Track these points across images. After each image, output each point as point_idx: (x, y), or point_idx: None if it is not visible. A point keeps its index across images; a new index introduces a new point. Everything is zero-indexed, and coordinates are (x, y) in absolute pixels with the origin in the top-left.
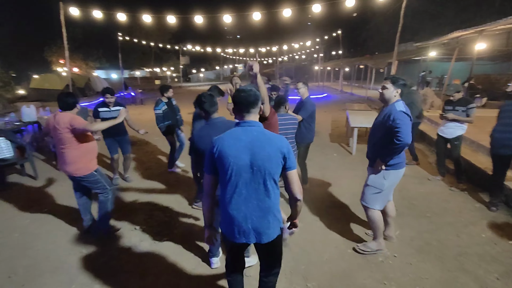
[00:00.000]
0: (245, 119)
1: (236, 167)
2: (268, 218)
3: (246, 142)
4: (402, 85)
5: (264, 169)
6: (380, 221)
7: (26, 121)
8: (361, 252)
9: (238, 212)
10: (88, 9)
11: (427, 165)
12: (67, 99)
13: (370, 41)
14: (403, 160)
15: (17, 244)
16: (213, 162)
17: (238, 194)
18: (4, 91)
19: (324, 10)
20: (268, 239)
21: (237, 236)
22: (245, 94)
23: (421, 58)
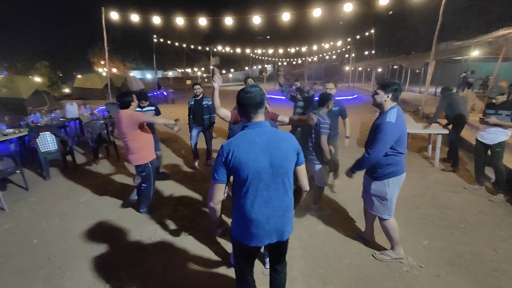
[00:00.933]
0: (253, 120)
1: (255, 170)
2: (287, 215)
3: (262, 144)
4: (393, 90)
5: (282, 168)
6: (393, 229)
7: (69, 117)
8: (379, 259)
9: (260, 215)
10: (127, 13)
11: (464, 172)
12: (124, 98)
13: (406, 40)
14: (402, 166)
15: (57, 229)
16: (227, 169)
17: (260, 197)
18: (52, 89)
19: (357, 9)
20: (288, 235)
21: (259, 240)
22: (250, 94)
23: (463, 58)
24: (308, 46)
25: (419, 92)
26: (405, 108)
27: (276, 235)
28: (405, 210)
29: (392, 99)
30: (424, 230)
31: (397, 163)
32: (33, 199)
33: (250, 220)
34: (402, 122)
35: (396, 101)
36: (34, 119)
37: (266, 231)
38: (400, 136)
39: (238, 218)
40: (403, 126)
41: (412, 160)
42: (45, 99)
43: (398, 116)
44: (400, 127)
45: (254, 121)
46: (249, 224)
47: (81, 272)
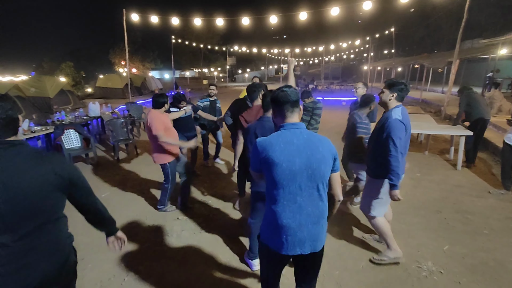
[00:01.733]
0: (288, 120)
1: (289, 172)
2: (321, 222)
3: (298, 145)
4: (398, 90)
5: (319, 171)
6: (385, 227)
7: (91, 116)
8: (378, 263)
9: (293, 221)
10: (147, 15)
11: (489, 176)
12: (158, 99)
13: (428, 39)
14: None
15: (80, 223)
16: (261, 165)
17: (293, 201)
18: (76, 89)
19: (376, 6)
20: (321, 246)
21: (290, 247)
22: (286, 93)
23: (489, 56)
24: (325, 45)
25: (441, 92)
26: (426, 109)
27: (309, 244)
28: (424, 214)
29: (397, 99)
30: (445, 235)
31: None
32: None
33: (281, 226)
34: (407, 120)
35: (401, 101)
36: (59, 117)
37: (298, 238)
38: (405, 135)
39: (269, 222)
40: (408, 124)
41: (433, 162)
42: (69, 98)
43: (403, 114)
44: (406, 124)
45: (290, 121)
46: (280, 229)
47: (102, 264)
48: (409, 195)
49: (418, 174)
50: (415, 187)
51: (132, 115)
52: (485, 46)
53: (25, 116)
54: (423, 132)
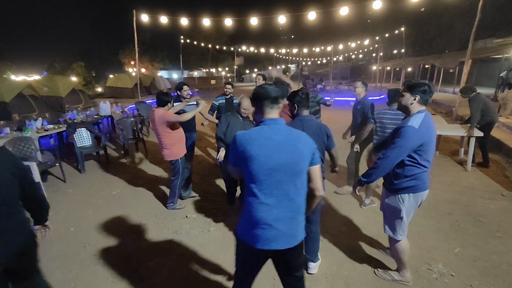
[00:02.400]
0: (267, 116)
1: (267, 167)
2: (298, 218)
3: (277, 141)
4: (421, 92)
5: (297, 167)
6: (404, 252)
7: (102, 115)
8: (380, 277)
9: (269, 215)
10: (156, 16)
11: (502, 178)
12: (162, 97)
13: (440, 38)
14: (423, 182)
15: (92, 219)
16: (239, 160)
17: (269, 195)
18: (87, 88)
19: (386, 6)
20: (297, 241)
21: (265, 242)
22: (266, 89)
23: (503, 56)
24: (334, 45)
25: (452, 92)
26: (437, 109)
27: (284, 239)
28: (435, 216)
29: (420, 102)
30: (456, 238)
31: (417, 177)
32: (70, 191)
33: (256, 219)
34: (427, 129)
35: (425, 105)
36: (71, 116)
37: (274, 233)
38: (422, 145)
39: (246, 216)
40: (429, 135)
41: (444, 163)
42: (80, 98)
43: (423, 122)
44: (424, 134)
45: (269, 117)
46: (256, 223)
47: (113, 259)
48: None
49: (429, 176)
50: None
51: (141, 114)
52: (498, 45)
53: (38, 114)
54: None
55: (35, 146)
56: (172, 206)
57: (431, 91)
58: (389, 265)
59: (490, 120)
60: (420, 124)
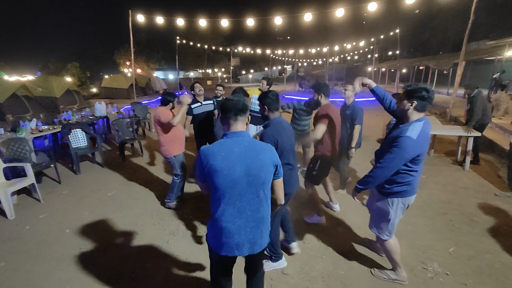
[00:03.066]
0: (232, 128)
1: (230, 179)
2: (261, 227)
3: (239, 153)
4: (419, 97)
5: (258, 178)
6: (394, 251)
7: (97, 115)
8: (376, 276)
9: (232, 224)
10: (152, 16)
11: (496, 178)
12: (165, 96)
13: (434, 40)
14: (413, 187)
15: (87, 221)
16: (204, 174)
17: (232, 206)
18: (81, 89)
19: (381, 8)
20: (260, 249)
21: (229, 249)
22: (233, 101)
23: (496, 58)
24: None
25: (446, 94)
26: (431, 110)
27: (247, 247)
28: (430, 215)
29: (418, 109)
30: (451, 237)
31: (408, 183)
32: (65, 192)
33: (220, 228)
34: (424, 140)
35: (424, 111)
36: (66, 117)
37: (236, 242)
38: (419, 155)
39: (212, 224)
40: (425, 145)
41: (439, 163)
42: (75, 98)
43: (422, 132)
44: (421, 145)
45: (234, 130)
46: (220, 232)
47: (109, 261)
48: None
49: (424, 176)
50: (421, 189)
51: (137, 115)
52: (491, 47)
53: (32, 115)
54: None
55: (29, 147)
56: (169, 203)
57: (429, 97)
58: (385, 265)
59: (486, 120)
60: (418, 134)
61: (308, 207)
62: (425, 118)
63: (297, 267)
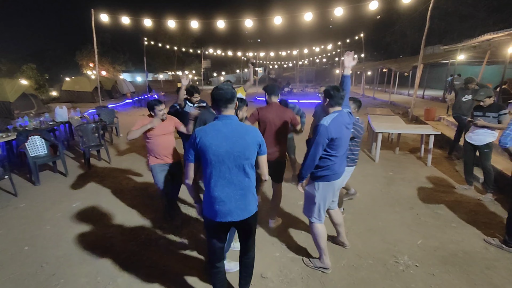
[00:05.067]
0: (223, 113)
1: (218, 154)
2: (248, 195)
3: (226, 133)
4: (329, 96)
5: (243, 155)
6: (321, 237)
7: (58, 121)
8: (305, 264)
9: (222, 193)
10: (117, 15)
11: (454, 173)
12: (150, 102)
13: (395, 44)
14: (334, 172)
15: (50, 235)
16: (196, 151)
17: (222, 177)
18: (39, 92)
19: (347, 13)
20: (249, 214)
21: (222, 216)
22: (222, 91)
23: (449, 61)
24: (299, 49)
25: (407, 95)
26: (395, 111)
27: (237, 213)
28: (399, 210)
29: (333, 104)
30: (418, 230)
31: (328, 168)
32: (22, 205)
33: (213, 197)
34: (337, 126)
35: (338, 106)
36: (22, 123)
37: (228, 208)
38: (334, 140)
39: (206, 195)
40: (339, 132)
41: (404, 161)
42: (32, 103)
43: (334, 120)
44: (333, 131)
45: (224, 114)
46: (213, 201)
47: (76, 278)
48: (383, 192)
49: (391, 173)
50: (389, 185)
51: (103, 119)
52: (444, 52)
53: None
54: (395, 131)
55: None
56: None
57: (339, 96)
58: (365, 257)
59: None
60: (330, 122)
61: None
62: (341, 111)
63: (276, 270)
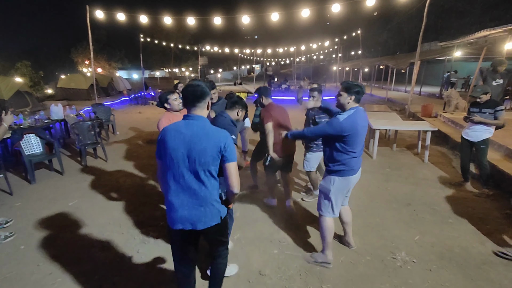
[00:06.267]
0: (191, 112)
1: (174, 157)
2: (204, 206)
3: (185, 135)
4: (355, 93)
5: (198, 161)
6: (328, 231)
7: (54, 119)
8: (306, 261)
9: (176, 199)
10: (113, 12)
11: (450, 169)
12: (161, 95)
13: (392, 41)
14: (351, 168)
15: (45, 234)
16: (159, 149)
17: (177, 182)
18: (34, 90)
19: (344, 9)
20: (204, 226)
21: (175, 223)
22: (192, 88)
23: (446, 58)
24: (296, 46)
25: (404, 91)
26: (392, 107)
27: (189, 223)
28: (396, 207)
29: (355, 101)
30: (415, 226)
31: (346, 163)
32: (18, 204)
33: (168, 202)
34: (352, 123)
35: (355, 103)
36: (16, 121)
37: (180, 216)
38: (348, 136)
39: (165, 199)
40: (353, 127)
41: (401, 157)
42: (27, 100)
43: (350, 117)
44: (347, 127)
45: (191, 113)
46: (169, 206)
47: (73, 277)
48: (381, 189)
49: (388, 169)
50: (386, 182)
51: (99, 117)
52: (441, 48)
53: None
54: (392, 128)
55: None
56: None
57: (363, 92)
58: (363, 254)
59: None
60: (345, 118)
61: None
62: (358, 107)
63: (274, 267)
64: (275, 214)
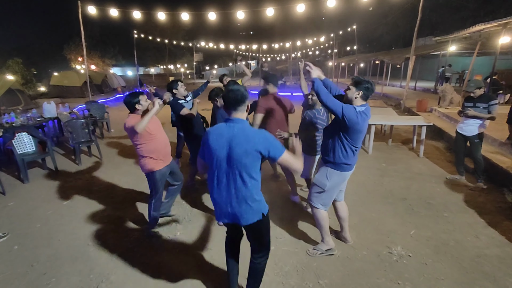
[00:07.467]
0: (232, 116)
1: (217, 158)
2: (244, 205)
3: (227, 138)
4: (364, 88)
5: (239, 162)
6: (324, 220)
7: (47, 117)
8: (311, 255)
9: (220, 197)
10: (105, 8)
11: (445, 163)
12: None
13: (387, 36)
14: (350, 163)
15: (40, 234)
16: (203, 150)
17: (220, 181)
18: (27, 88)
19: (339, 4)
20: (246, 223)
21: (219, 217)
22: (233, 93)
23: (440, 53)
24: (292, 42)
25: (399, 86)
26: (387, 102)
27: (231, 218)
28: (392, 201)
29: (363, 98)
30: (411, 221)
31: (346, 157)
32: (11, 204)
33: (213, 198)
34: (362, 120)
35: (366, 101)
36: (8, 119)
37: (224, 212)
38: (358, 130)
39: (210, 196)
40: (361, 125)
41: (397, 152)
42: (19, 98)
43: (365, 111)
44: (358, 121)
45: (233, 117)
46: (214, 202)
47: (68, 277)
48: (377, 184)
49: (384, 164)
50: (382, 177)
51: (93, 114)
52: (436, 43)
53: None
54: (388, 123)
55: None
56: (149, 232)
57: (372, 89)
58: (360, 248)
59: None
60: (361, 111)
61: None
62: (367, 105)
63: (271, 263)
64: (272, 210)
